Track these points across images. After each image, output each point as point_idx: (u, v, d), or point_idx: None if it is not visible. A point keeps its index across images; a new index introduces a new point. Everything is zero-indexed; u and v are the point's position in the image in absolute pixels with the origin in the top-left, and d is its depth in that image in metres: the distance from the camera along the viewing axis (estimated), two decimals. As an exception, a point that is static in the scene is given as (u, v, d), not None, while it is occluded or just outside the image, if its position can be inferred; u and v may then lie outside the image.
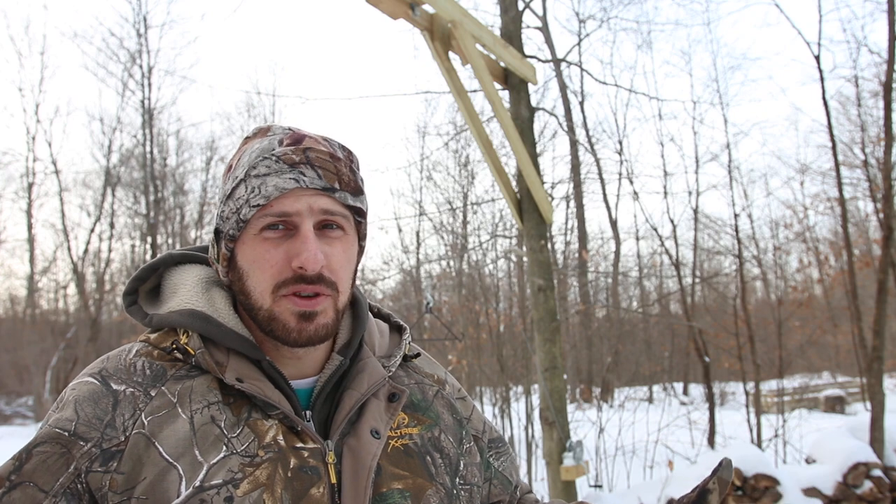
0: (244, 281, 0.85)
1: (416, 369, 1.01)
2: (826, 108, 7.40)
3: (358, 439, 0.84)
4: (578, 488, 4.97)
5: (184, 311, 0.87)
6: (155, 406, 0.80)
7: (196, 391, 0.82)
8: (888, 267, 6.62)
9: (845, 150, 14.85)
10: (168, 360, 0.85)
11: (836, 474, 5.53)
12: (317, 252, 0.82)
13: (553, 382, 4.62)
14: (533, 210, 4.71)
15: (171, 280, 0.94)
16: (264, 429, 0.80)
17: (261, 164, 0.84)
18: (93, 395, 0.81)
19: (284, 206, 0.82)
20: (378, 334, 0.99)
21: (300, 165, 0.83)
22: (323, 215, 0.84)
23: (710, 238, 17.35)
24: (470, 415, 1.02)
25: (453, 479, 0.91)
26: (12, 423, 18.06)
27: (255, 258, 0.84)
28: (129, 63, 18.55)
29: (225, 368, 0.83)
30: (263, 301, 0.84)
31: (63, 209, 19.07)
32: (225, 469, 0.76)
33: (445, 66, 3.87)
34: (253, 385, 0.81)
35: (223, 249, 0.87)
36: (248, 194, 0.83)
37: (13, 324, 21.07)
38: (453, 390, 1.03)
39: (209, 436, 0.78)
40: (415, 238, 16.02)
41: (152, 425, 0.78)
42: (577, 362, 15.90)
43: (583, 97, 16.55)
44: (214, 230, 0.89)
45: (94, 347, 17.50)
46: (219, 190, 0.91)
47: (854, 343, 10.22)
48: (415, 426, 0.92)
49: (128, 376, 0.83)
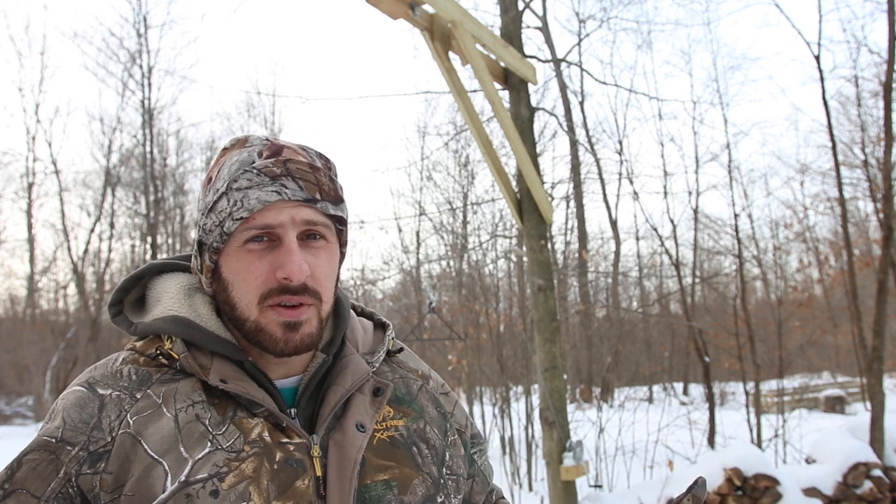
0: (229, 292, 0.87)
1: (401, 364, 1.03)
2: (826, 108, 7.40)
3: (343, 433, 0.86)
4: (578, 488, 4.97)
5: (167, 317, 0.88)
6: (140, 406, 0.82)
7: (181, 392, 0.83)
8: (888, 267, 6.62)
9: (845, 150, 14.86)
10: (154, 365, 0.87)
11: (836, 474, 5.53)
12: (301, 263, 0.83)
13: (553, 382, 4.62)
14: (533, 210, 4.71)
15: (154, 289, 0.95)
16: (250, 426, 0.82)
17: (242, 177, 0.84)
18: (79, 401, 0.83)
19: (267, 218, 0.84)
20: (362, 331, 1.01)
21: (281, 178, 0.84)
22: (305, 226, 0.86)
23: (710, 238, 17.38)
24: (453, 409, 1.05)
25: (440, 468, 0.93)
26: (12, 423, 18.07)
27: (239, 270, 0.85)
28: (129, 63, 18.59)
29: (209, 371, 0.84)
30: (250, 312, 0.85)
31: (63, 209, 19.12)
32: (210, 464, 0.78)
33: (445, 66, 3.87)
34: (237, 385, 0.83)
35: (207, 261, 0.89)
36: (231, 207, 0.84)
37: (13, 324, 21.08)
38: (437, 385, 1.06)
39: (194, 433, 0.80)
40: (415, 238, 16.02)
41: (137, 424, 0.80)
42: (577, 362, 15.90)
43: (583, 97, 16.57)
44: (197, 242, 0.90)
45: (94, 347, 17.51)
46: (199, 201, 0.92)
47: (854, 343, 10.22)
48: (400, 419, 0.93)
49: (114, 381, 0.85)
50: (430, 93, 10.22)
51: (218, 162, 0.91)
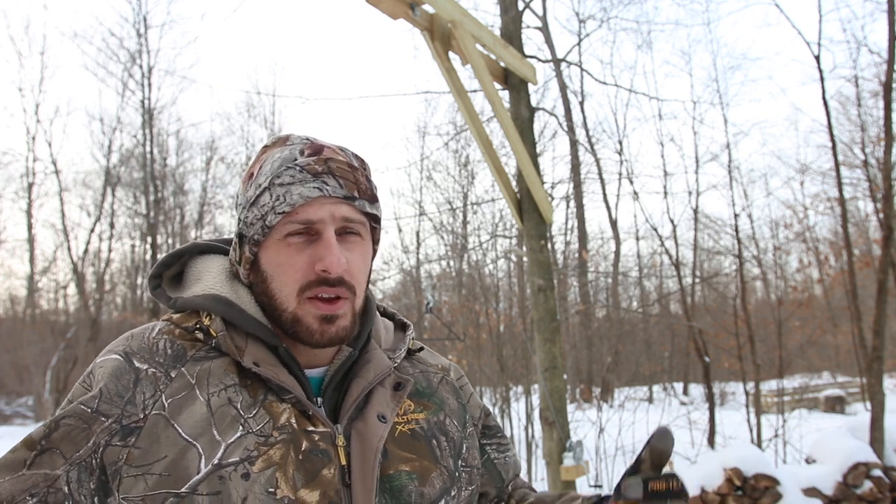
0: (268, 283, 0.90)
1: (421, 360, 1.07)
2: (826, 108, 7.39)
3: (365, 423, 0.89)
4: (578, 488, 4.97)
5: (209, 295, 0.92)
6: (175, 388, 0.84)
7: (214, 374, 0.86)
8: (888, 267, 6.62)
9: (845, 150, 14.85)
10: (189, 339, 0.90)
11: (836, 474, 5.53)
12: (339, 256, 0.87)
13: (553, 382, 4.62)
14: (533, 210, 4.71)
15: (195, 268, 0.99)
16: (279, 411, 0.85)
17: (285, 173, 0.88)
18: (116, 370, 0.86)
19: (308, 213, 0.87)
20: (384, 330, 1.05)
21: (323, 175, 0.88)
22: (343, 222, 0.89)
23: (710, 238, 17.37)
24: (468, 400, 1.08)
25: (456, 461, 0.97)
26: (12, 423, 18.07)
27: (279, 262, 0.89)
28: (129, 63, 18.57)
29: (244, 352, 0.87)
30: (288, 304, 0.89)
31: (63, 209, 19.11)
32: (242, 447, 0.81)
33: (445, 66, 3.87)
34: (269, 370, 0.86)
35: (247, 253, 0.92)
36: (273, 202, 0.88)
37: (13, 324, 21.07)
38: (457, 375, 1.09)
39: (226, 417, 0.83)
40: (415, 238, 16.04)
41: (172, 408, 0.83)
42: (577, 362, 15.91)
43: (583, 97, 16.57)
44: (238, 234, 0.93)
45: (94, 347, 17.49)
46: (239, 196, 0.95)
47: (854, 343, 10.21)
48: (421, 412, 0.97)
49: (150, 355, 0.87)
50: (430, 93, 10.24)
51: (259, 159, 0.94)
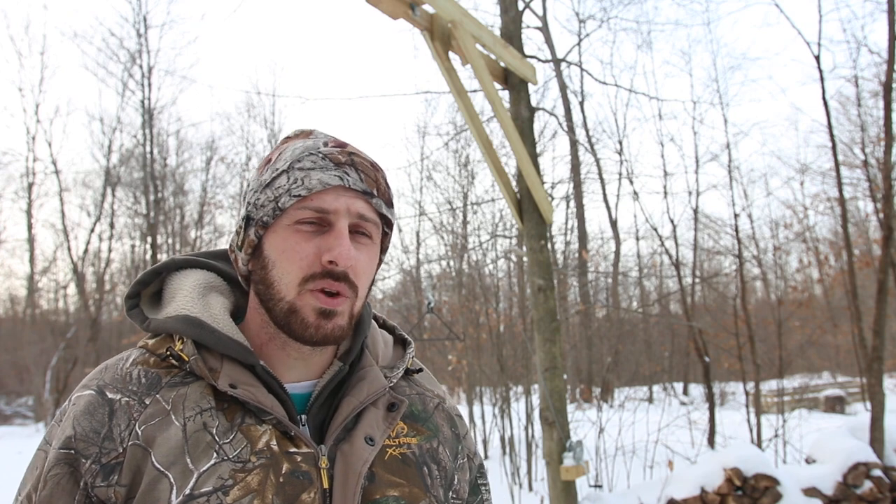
0: (269, 270, 0.86)
1: (418, 382, 1.02)
2: (826, 108, 7.40)
3: (351, 445, 0.84)
4: (578, 488, 4.97)
5: (179, 316, 0.87)
6: (149, 414, 0.81)
7: (189, 398, 0.82)
8: (888, 267, 6.62)
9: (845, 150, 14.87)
10: (164, 366, 0.86)
11: (836, 474, 5.53)
12: (349, 248, 0.84)
13: (553, 382, 4.62)
14: (533, 210, 4.71)
15: (171, 285, 0.95)
16: (257, 434, 0.81)
17: (306, 158, 0.86)
18: (88, 406, 0.82)
19: (324, 202, 0.84)
20: (383, 344, 1.00)
21: (345, 166, 0.86)
22: (357, 219, 0.87)
23: (710, 238, 17.38)
24: (465, 434, 1.04)
25: (447, 492, 0.92)
26: (12, 423, 18.08)
27: (285, 248, 0.85)
28: (129, 63, 18.57)
29: (218, 374, 0.83)
30: (287, 292, 0.84)
31: (63, 209, 19.12)
32: (215, 476, 0.77)
33: (445, 66, 3.87)
34: (246, 391, 0.82)
35: (251, 236, 0.87)
36: (290, 184, 0.85)
37: (13, 324, 21.10)
38: (452, 407, 1.05)
39: (200, 443, 0.79)
40: (415, 238, 16.03)
41: (146, 434, 0.79)
42: (577, 362, 15.91)
43: (583, 97, 16.58)
44: (244, 217, 0.89)
45: (94, 347, 17.50)
46: (251, 181, 0.92)
47: (854, 343, 10.22)
48: (413, 436, 0.92)
49: (123, 385, 0.84)
50: (430, 93, 10.25)
51: (279, 147, 0.92)
